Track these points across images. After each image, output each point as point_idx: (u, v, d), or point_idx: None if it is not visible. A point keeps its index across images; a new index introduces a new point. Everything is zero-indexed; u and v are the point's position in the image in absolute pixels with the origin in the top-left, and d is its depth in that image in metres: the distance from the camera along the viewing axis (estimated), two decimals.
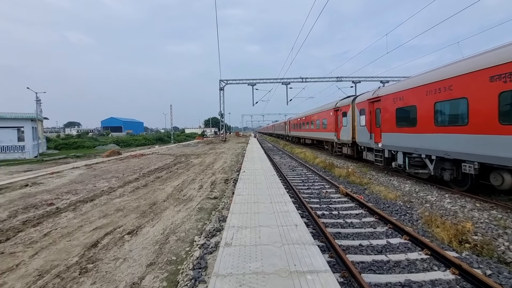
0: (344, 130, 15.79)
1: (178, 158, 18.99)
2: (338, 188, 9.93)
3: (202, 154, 21.49)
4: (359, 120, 13.60)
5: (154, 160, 17.59)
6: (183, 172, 12.23)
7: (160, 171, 12.64)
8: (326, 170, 14.58)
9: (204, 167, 13.99)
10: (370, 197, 8.99)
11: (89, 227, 5.72)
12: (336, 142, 17.58)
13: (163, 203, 7.34)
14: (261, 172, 9.97)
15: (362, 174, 12.40)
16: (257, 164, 12.22)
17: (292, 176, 12.99)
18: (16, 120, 30.08)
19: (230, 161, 16.10)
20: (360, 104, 13.52)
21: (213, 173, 11.82)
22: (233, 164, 14.53)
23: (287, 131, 41.49)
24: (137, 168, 13.75)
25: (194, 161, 16.73)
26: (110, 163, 16.70)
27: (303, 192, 9.72)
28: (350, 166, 14.83)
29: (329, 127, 18.68)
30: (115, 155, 21.04)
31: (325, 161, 16.45)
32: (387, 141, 10.97)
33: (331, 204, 8.19)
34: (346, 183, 11.36)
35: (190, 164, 15.38)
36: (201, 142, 44.43)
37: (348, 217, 7.09)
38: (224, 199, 7.69)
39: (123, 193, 8.54)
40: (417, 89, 8.93)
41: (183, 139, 74.75)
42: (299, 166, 16.39)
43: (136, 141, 55.54)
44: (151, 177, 10.89)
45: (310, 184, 11.17)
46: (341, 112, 16.33)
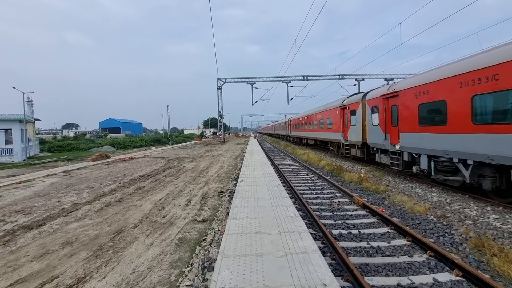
0: (353, 130, 14.38)
1: (170, 162, 17.53)
2: (352, 197, 8.52)
3: (197, 157, 20.00)
4: (371, 119, 12.18)
5: (143, 165, 16.12)
6: (171, 181, 10.64)
7: (145, 179, 11.18)
8: (334, 174, 13.17)
9: (197, 173, 12.49)
10: (393, 209, 7.58)
11: (4, 282, 3.78)
12: (343, 143, 16.17)
13: (133, 230, 5.52)
14: (262, 180, 8.47)
15: (376, 179, 10.99)
16: (258, 170, 10.73)
17: (297, 182, 11.57)
18: (3, 122, 28.58)
19: (228, 165, 14.77)
20: (372, 100, 12.10)
21: (207, 181, 10.36)
22: (230, 170, 13.21)
23: (288, 131, 40.09)
24: (120, 176, 12.23)
25: (187, 166, 15.36)
26: (93, 168, 15.20)
27: (312, 203, 8.30)
28: (361, 169, 13.41)
29: (335, 127, 17.27)
30: (103, 158, 19.54)
31: (332, 164, 15.04)
32: (406, 142, 9.56)
33: (347, 220, 6.77)
34: (359, 191, 9.95)
35: (181, 169, 13.92)
36: (199, 143, 42.94)
37: (372, 238, 5.67)
38: (215, 223, 5.88)
39: (87, 212, 6.78)
40: (448, 81, 7.52)
41: (181, 140, 73.31)
42: (303, 169, 14.98)
43: (132, 142, 54.05)
44: (131, 187, 9.33)
45: (318, 192, 9.76)
46: (349, 110, 14.92)
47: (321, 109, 21.07)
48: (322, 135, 20.70)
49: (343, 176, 12.14)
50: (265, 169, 10.97)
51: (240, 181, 8.32)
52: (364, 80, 34.68)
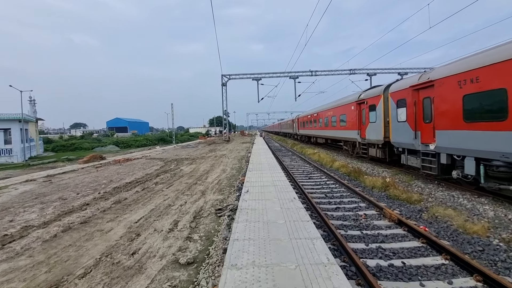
0: (372, 128, 12.75)
1: (167, 164, 16.04)
2: (381, 209, 6.97)
3: (198, 158, 18.49)
4: (396, 114, 10.55)
5: (136, 168, 14.61)
6: (161, 191, 8.87)
7: (131, 188, 9.51)
8: (352, 178, 11.60)
9: (194, 179, 10.74)
10: (437, 227, 6.01)
11: None
12: (360, 142, 14.54)
13: (77, 283, 3.50)
14: (272, 191, 6.89)
15: (405, 185, 9.39)
16: (266, 175, 9.18)
17: (310, 187, 10.07)
18: (2, 121, 27.78)
19: (231, 169, 13.18)
20: (397, 93, 10.46)
21: (204, 191, 8.61)
22: (233, 175, 11.62)
23: (295, 129, 38.47)
24: (105, 182, 10.72)
25: (185, 169, 13.67)
26: (81, 172, 13.74)
27: (333, 217, 6.79)
28: (383, 172, 11.79)
29: (350, 124, 15.63)
30: (96, 160, 18.31)
31: (347, 166, 13.45)
32: (445, 141, 7.94)
33: (383, 243, 5.24)
34: (386, 199, 8.40)
35: (177, 174, 12.20)
36: (202, 142, 41.58)
37: (424, 274, 4.15)
38: (204, 271, 3.76)
39: (32, 243, 4.81)
40: (509, 64, 5.88)
41: (186, 139, 72.41)
42: (315, 171, 13.44)
43: (137, 142, 53.25)
44: (110, 200, 7.63)
45: (337, 200, 8.24)
46: (367, 105, 13.28)
47: (333, 105, 19.41)
48: (334, 133, 19.06)
49: (364, 180, 10.56)
50: (274, 173, 9.43)
51: (244, 192, 6.74)
52: (376, 75, 32.74)
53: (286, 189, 7.00)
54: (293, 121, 40.71)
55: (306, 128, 29.88)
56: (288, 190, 6.99)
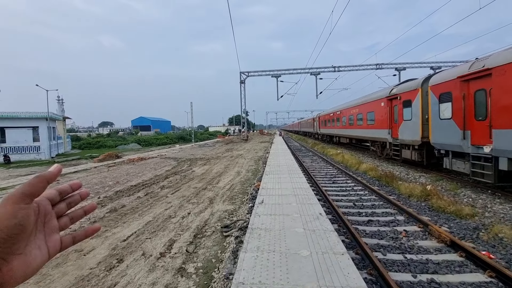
0: (407, 126, 11.26)
1: (180, 164, 15.32)
2: (425, 224, 5.72)
3: (213, 158, 17.68)
4: (438, 111, 9.07)
5: (147, 168, 14.05)
6: (165, 197, 7.88)
7: (134, 192, 8.67)
8: (383, 183, 10.25)
9: (204, 183, 9.76)
10: (505, 252, 4.69)
11: None
12: (391, 143, 13.03)
13: None
14: (292, 202, 5.75)
15: (451, 194, 7.95)
16: (285, 180, 8.05)
17: (334, 192, 8.92)
18: (31, 119, 29.05)
19: (246, 171, 12.10)
20: (440, 86, 8.97)
21: (212, 199, 7.52)
22: (248, 178, 10.54)
23: (316, 128, 36.88)
24: (111, 184, 10.19)
25: (197, 170, 12.76)
26: (92, 171, 13.56)
27: (365, 233, 5.65)
28: (420, 178, 10.31)
29: (379, 123, 14.14)
30: (111, 159, 18.20)
31: (376, 169, 12.04)
32: (507, 143, 6.46)
33: (435, 274, 4.06)
34: (428, 211, 7.07)
35: (187, 176, 11.24)
36: (220, 141, 41.15)
37: None
38: None
39: None
40: None
41: (205, 137, 73.00)
42: (339, 174, 12.18)
43: (158, 140, 54.28)
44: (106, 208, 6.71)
45: (369, 211, 7.04)
46: (400, 101, 11.78)
47: (358, 102, 17.88)
48: (360, 132, 17.54)
49: (398, 187, 9.21)
50: (294, 178, 8.34)
51: (258, 202, 5.79)
52: (406, 70, 30.35)
53: (309, 200, 5.89)
54: (314, 120, 39.11)
55: (328, 127, 28.32)
56: (311, 202, 5.87)
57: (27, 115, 28.83)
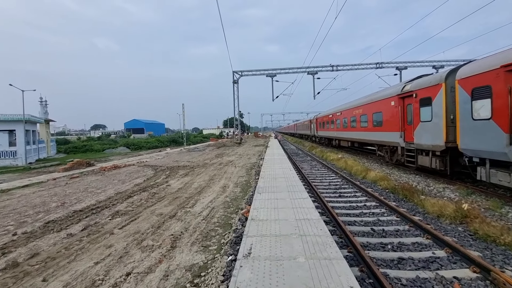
0: (425, 128, 9.59)
1: (156, 175, 13.03)
2: (486, 270, 3.97)
3: (199, 166, 15.58)
4: (470, 109, 7.40)
5: (116, 181, 11.73)
6: (109, 234, 5.40)
7: (73, 223, 6.15)
8: (399, 197, 8.52)
9: (176, 206, 7.32)
10: None
11: None
12: (403, 147, 11.34)
13: None
14: (298, 251, 3.60)
15: (493, 215, 6.24)
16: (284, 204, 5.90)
17: (344, 211, 7.15)
18: (7, 122, 26.74)
19: (234, 185, 9.94)
20: (473, 79, 7.30)
21: (177, 238, 5.04)
22: (235, 197, 8.27)
23: (313, 130, 35.24)
24: (53, 207, 7.69)
25: (173, 184, 10.41)
26: (44, 186, 11.09)
27: (399, 282, 3.87)
28: (444, 191, 8.58)
29: (388, 124, 12.47)
30: (81, 167, 15.95)
31: (388, 178, 10.34)
32: None
33: None
34: (472, 240, 5.35)
35: (157, 195, 8.67)
36: (212, 145, 39.02)
37: None
38: None
39: None
40: None
41: (199, 140, 71.01)
42: (345, 185, 10.43)
43: (148, 143, 52.00)
44: (6, 259, 4.32)
45: (394, 241, 5.27)
46: (416, 99, 10.11)
47: (362, 101, 16.23)
48: (364, 135, 15.86)
49: (422, 203, 7.48)
50: (296, 200, 6.13)
51: (244, 252, 3.63)
52: (407, 69, 28.96)
53: (325, 249, 3.62)
54: (311, 122, 37.48)
55: (327, 129, 26.67)
56: (330, 254, 3.48)
57: (2, 118, 26.52)
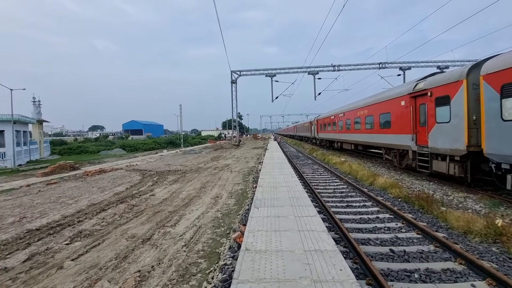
0: (442, 130, 8.64)
1: (143, 181, 11.63)
2: None
3: (192, 170, 14.33)
4: (499, 109, 6.46)
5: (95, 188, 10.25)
6: (58, 268, 4.04)
7: (20, 248, 4.90)
8: (414, 208, 7.55)
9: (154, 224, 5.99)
10: None
11: None
12: (415, 151, 10.38)
13: None
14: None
15: None
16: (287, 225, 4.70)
17: (354, 225, 6.17)
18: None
19: (228, 195, 8.66)
20: (503, 74, 6.35)
21: (144, 279, 3.62)
22: (228, 212, 6.93)
23: (314, 132, 34.31)
24: (9, 222, 6.43)
25: (159, 193, 9.05)
26: (13, 194, 9.96)
27: None
28: (466, 201, 7.59)
29: (397, 126, 11.52)
30: (64, 171, 14.79)
31: (399, 185, 9.37)
32: None
33: None
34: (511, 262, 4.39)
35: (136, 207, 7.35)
36: (209, 147, 37.83)
37: None
38: None
39: None
40: None
41: (197, 142, 70.02)
42: (352, 192, 9.46)
43: (144, 145, 50.95)
44: None
45: (420, 267, 4.28)
46: (431, 98, 9.17)
47: (368, 102, 15.29)
48: (370, 138, 14.91)
49: (443, 216, 6.51)
50: (301, 218, 5.01)
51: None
52: (411, 69, 28.12)
53: None
54: (311, 123, 36.56)
55: (328, 131, 25.73)
56: None
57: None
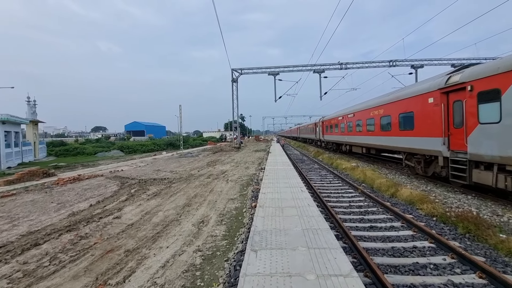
0: (489, 133, 6.93)
1: (118, 193, 9.53)
2: None
3: (181, 179, 12.27)
4: None
5: (53, 205, 8.11)
6: None
7: None
8: (455, 230, 5.85)
9: (93, 279, 3.74)
10: None
11: None
12: (447, 157, 8.66)
13: None
14: None
15: None
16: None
17: (386, 259, 4.47)
18: None
19: (218, 218, 6.49)
20: None
21: None
22: (215, 248, 4.75)
23: (319, 134, 32.57)
24: None
25: (128, 214, 6.90)
26: None
27: None
28: None
29: (423, 127, 9.81)
30: (34, 178, 12.89)
31: (430, 199, 7.66)
32: None
33: None
34: None
35: (81, 243, 5.09)
36: (208, 149, 36.06)
37: None
38: None
39: None
40: None
41: (198, 143, 68.56)
42: (372, 206, 7.77)
43: (143, 146, 49.53)
44: None
45: None
46: (472, 93, 7.47)
47: (383, 100, 13.57)
48: (387, 140, 13.18)
49: (509, 247, 4.80)
50: (329, 280, 2.95)
51: None
52: (424, 67, 26.36)
53: None
54: (316, 125, 34.83)
55: (335, 133, 24.01)
56: None
57: None
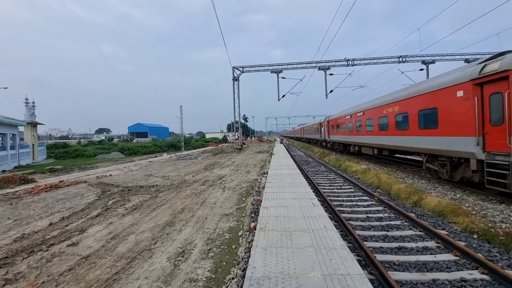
0: None
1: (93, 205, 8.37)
2: None
3: (172, 186, 10.99)
4: None
5: (6, 222, 6.95)
6: None
7: None
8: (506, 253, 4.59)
9: None
10: None
11: None
12: (481, 160, 7.36)
13: None
14: None
15: None
16: None
17: None
18: None
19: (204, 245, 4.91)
20: None
21: None
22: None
23: (324, 134, 31.26)
24: None
25: (89, 238, 5.45)
26: None
27: None
28: None
29: (450, 125, 8.53)
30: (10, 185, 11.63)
31: (464, 210, 6.40)
32: None
33: None
34: None
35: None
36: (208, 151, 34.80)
37: None
38: None
39: None
40: None
41: (200, 144, 67.60)
42: (395, 219, 6.52)
43: (143, 148, 48.60)
44: None
45: None
46: None
47: (399, 96, 12.27)
48: (404, 140, 11.87)
49: None
50: None
51: None
52: (435, 63, 24.95)
53: None
54: (321, 125, 33.52)
55: (342, 133, 22.71)
56: None
57: None
